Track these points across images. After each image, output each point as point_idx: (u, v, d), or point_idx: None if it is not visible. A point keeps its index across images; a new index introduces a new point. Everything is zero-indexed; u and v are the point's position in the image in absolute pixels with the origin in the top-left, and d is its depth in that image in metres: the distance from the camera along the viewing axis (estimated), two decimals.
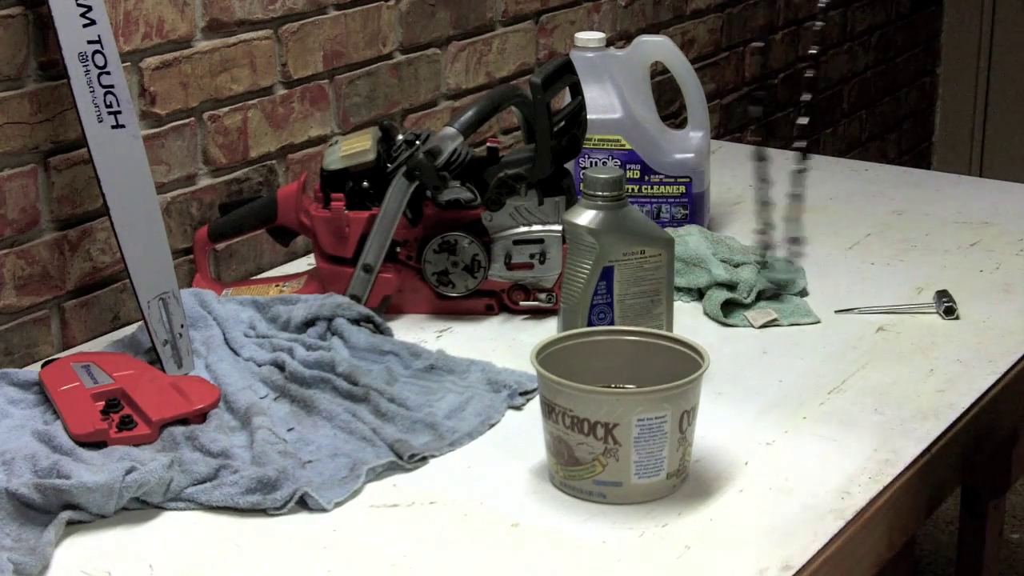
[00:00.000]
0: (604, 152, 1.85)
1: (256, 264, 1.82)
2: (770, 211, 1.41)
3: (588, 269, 1.43)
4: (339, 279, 1.63)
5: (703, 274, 1.67)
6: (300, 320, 1.55)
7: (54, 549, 1.17)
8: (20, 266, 1.53)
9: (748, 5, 2.72)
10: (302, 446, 1.33)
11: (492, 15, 2.12)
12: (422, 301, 1.66)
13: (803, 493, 1.27)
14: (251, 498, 1.24)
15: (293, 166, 1.84)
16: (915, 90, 3.52)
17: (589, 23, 2.30)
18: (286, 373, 1.46)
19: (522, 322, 1.64)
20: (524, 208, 1.63)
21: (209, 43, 1.70)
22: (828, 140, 3.10)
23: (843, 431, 1.37)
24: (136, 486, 1.22)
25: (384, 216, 1.60)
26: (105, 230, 1.59)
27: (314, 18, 1.83)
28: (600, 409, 1.22)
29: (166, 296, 1.48)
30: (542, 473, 1.29)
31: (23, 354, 1.55)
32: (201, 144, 1.72)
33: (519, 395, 1.43)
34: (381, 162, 1.63)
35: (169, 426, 1.35)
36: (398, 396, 1.41)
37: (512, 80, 2.16)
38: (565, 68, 1.67)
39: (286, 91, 1.82)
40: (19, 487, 1.21)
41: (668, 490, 1.25)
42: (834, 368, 1.51)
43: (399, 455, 1.31)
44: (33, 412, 1.39)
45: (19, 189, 1.52)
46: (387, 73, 1.96)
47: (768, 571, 1.15)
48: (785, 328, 1.61)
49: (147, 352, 1.49)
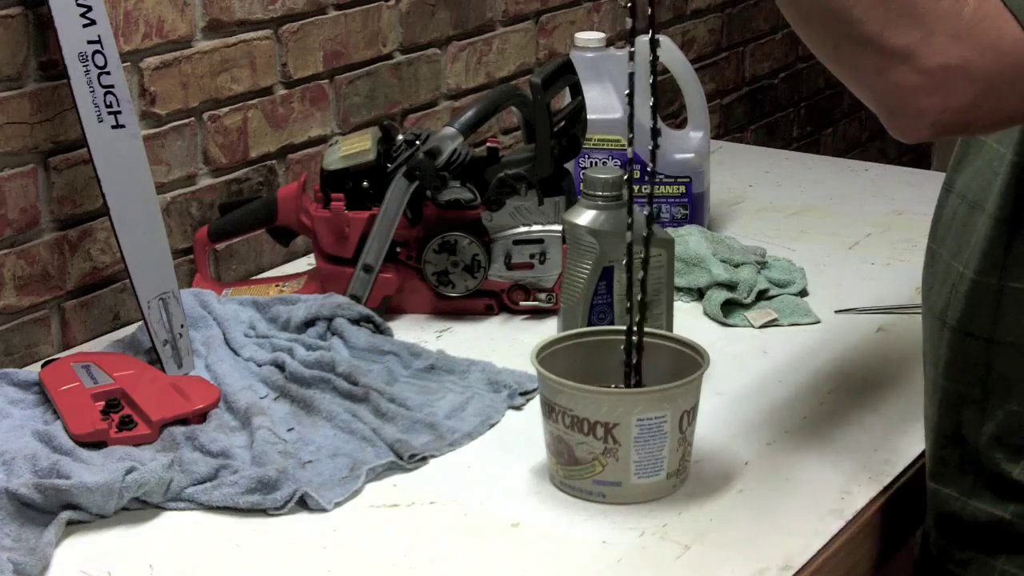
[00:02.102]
0: (604, 152, 1.85)
1: (256, 264, 1.82)
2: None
3: (588, 269, 1.43)
4: (339, 279, 1.63)
5: (703, 274, 1.67)
6: (300, 320, 1.55)
7: (54, 549, 1.17)
8: (20, 266, 1.53)
9: (748, 5, 2.72)
10: (302, 446, 1.33)
11: (492, 15, 2.12)
12: (422, 301, 1.66)
13: (803, 493, 1.27)
14: (251, 498, 1.23)
15: (293, 166, 1.84)
16: None
17: (589, 23, 2.30)
18: (286, 373, 1.46)
19: (522, 322, 1.64)
20: (524, 208, 1.63)
21: (209, 43, 1.70)
22: (828, 140, 3.10)
23: (843, 431, 1.37)
24: (136, 486, 1.22)
25: (384, 216, 1.60)
26: (105, 230, 1.59)
27: (314, 18, 1.83)
28: (600, 409, 1.22)
29: (166, 296, 1.48)
30: (542, 473, 1.29)
31: (23, 354, 1.55)
32: (201, 144, 1.72)
33: (519, 395, 1.43)
34: (381, 162, 1.63)
35: (169, 426, 1.34)
36: (398, 396, 1.41)
37: (512, 80, 2.16)
38: (565, 68, 1.67)
39: (286, 91, 1.82)
40: (19, 487, 1.21)
41: (668, 490, 1.25)
42: (834, 368, 1.51)
43: (399, 455, 1.31)
44: (33, 412, 1.39)
45: (19, 189, 1.52)
46: (387, 73, 1.96)
47: (768, 571, 1.15)
48: (785, 328, 1.61)
49: (147, 352, 1.49)
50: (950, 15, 0.96)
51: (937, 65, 0.96)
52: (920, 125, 1.00)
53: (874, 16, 0.97)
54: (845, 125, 3.17)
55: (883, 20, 0.97)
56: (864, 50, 1.00)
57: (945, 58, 0.96)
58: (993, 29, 0.96)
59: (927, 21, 0.96)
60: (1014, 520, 1.16)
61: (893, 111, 1.01)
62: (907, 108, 0.99)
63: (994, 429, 1.17)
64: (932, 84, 0.97)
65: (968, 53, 0.96)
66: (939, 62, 0.96)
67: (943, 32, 0.96)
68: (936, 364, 1.22)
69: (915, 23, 0.96)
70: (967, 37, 0.96)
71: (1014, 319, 1.14)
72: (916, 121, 1.00)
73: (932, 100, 0.97)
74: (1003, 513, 1.17)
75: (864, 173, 2.20)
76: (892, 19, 0.97)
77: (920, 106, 0.98)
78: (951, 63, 0.96)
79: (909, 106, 0.99)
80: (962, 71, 0.96)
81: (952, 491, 1.21)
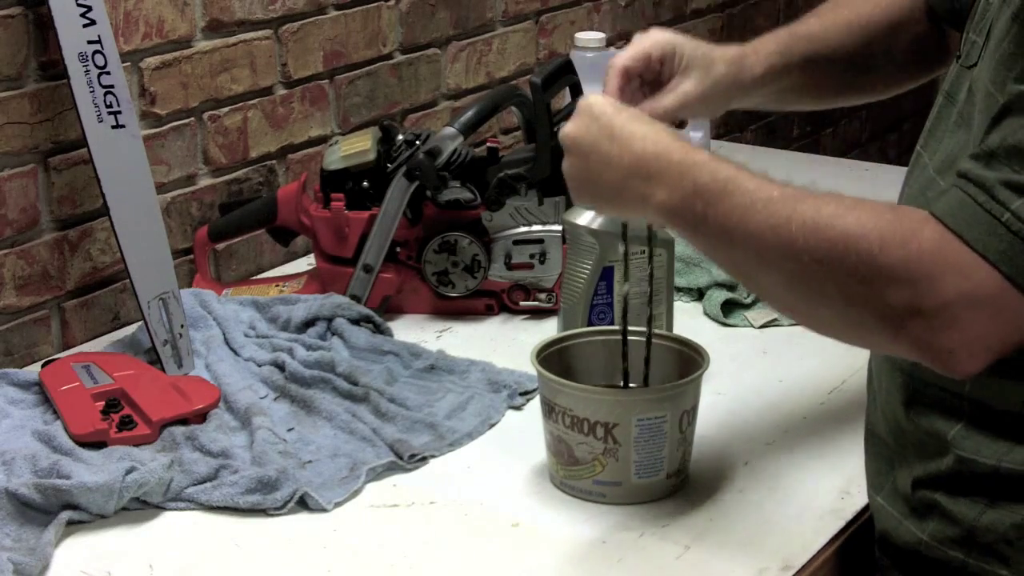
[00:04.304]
0: None
1: (256, 264, 1.82)
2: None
3: (588, 269, 1.43)
4: (339, 279, 1.63)
5: (703, 274, 1.67)
6: (300, 320, 1.55)
7: (54, 549, 1.17)
8: (20, 266, 1.53)
9: (748, 5, 2.72)
10: (302, 446, 1.33)
11: (492, 15, 2.12)
12: (422, 301, 1.66)
13: (803, 493, 1.27)
14: (251, 498, 1.23)
15: (293, 166, 1.84)
16: (915, 90, 3.51)
17: (589, 23, 2.30)
18: (286, 373, 1.46)
19: (522, 322, 1.64)
20: (524, 208, 1.63)
21: (209, 43, 1.70)
22: (828, 140, 3.10)
23: (843, 431, 1.37)
24: (136, 486, 1.22)
25: (384, 216, 1.60)
26: (105, 230, 1.59)
27: (314, 18, 1.83)
28: (600, 409, 1.22)
29: (166, 296, 1.48)
30: (542, 473, 1.29)
31: (23, 354, 1.55)
32: (201, 144, 1.72)
33: (519, 395, 1.43)
34: (381, 162, 1.63)
35: (169, 426, 1.34)
36: (398, 396, 1.41)
37: (512, 80, 2.16)
38: (565, 68, 1.67)
39: (286, 91, 1.82)
40: (19, 487, 1.21)
41: (668, 490, 1.25)
42: (834, 368, 1.51)
43: (399, 455, 1.31)
44: (33, 412, 1.39)
45: (19, 189, 1.52)
46: (387, 73, 1.96)
47: (768, 571, 1.15)
48: (785, 328, 1.61)
49: (147, 352, 1.49)
50: (917, 259, 0.96)
51: (939, 305, 0.96)
52: (962, 363, 0.99)
53: (858, 292, 0.98)
54: (845, 125, 3.17)
55: (867, 292, 0.98)
56: (873, 333, 1.01)
57: (941, 297, 0.96)
58: (960, 255, 0.96)
59: (900, 275, 0.96)
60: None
61: (934, 363, 1.00)
62: (942, 355, 0.98)
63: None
64: (946, 324, 0.96)
65: (957, 284, 0.96)
66: (939, 303, 0.96)
67: (921, 277, 0.96)
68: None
69: (894, 282, 0.96)
70: (946, 271, 0.96)
71: None
72: (957, 361, 0.99)
73: (955, 337, 0.97)
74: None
75: (864, 173, 2.20)
76: (873, 287, 0.97)
77: (950, 347, 0.97)
78: (948, 299, 0.96)
79: (942, 353, 0.98)
80: (962, 301, 0.96)
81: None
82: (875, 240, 0.97)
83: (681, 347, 1.31)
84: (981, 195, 0.96)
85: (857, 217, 0.99)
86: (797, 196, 1.03)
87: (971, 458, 1.08)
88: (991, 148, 0.97)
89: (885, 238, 0.97)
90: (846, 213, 0.99)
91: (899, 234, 0.97)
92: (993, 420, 1.08)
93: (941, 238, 0.97)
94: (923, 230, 0.97)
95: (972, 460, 1.08)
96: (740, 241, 1.03)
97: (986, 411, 1.08)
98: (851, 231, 0.98)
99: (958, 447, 1.09)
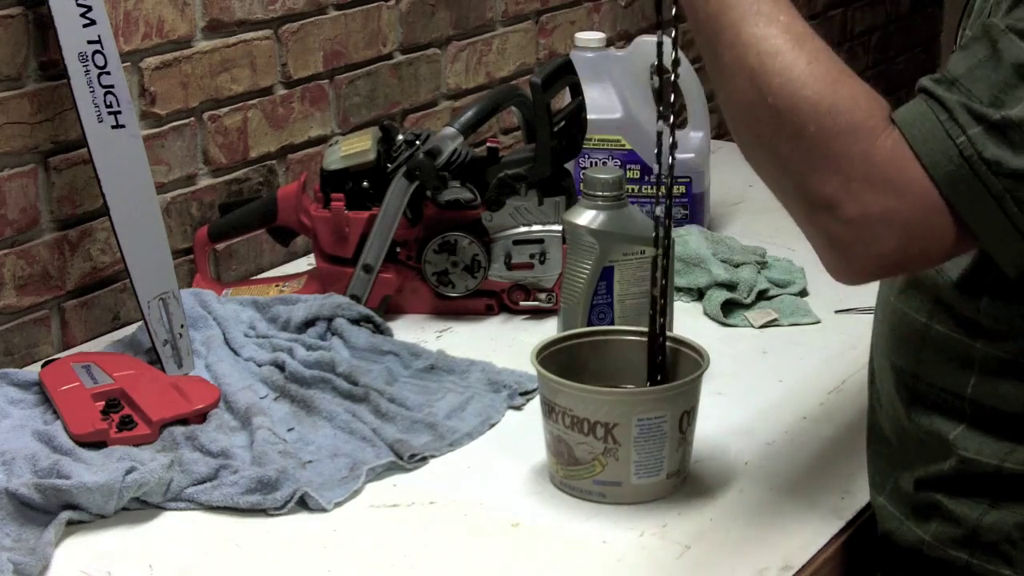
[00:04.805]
0: (604, 152, 1.85)
1: (256, 264, 1.82)
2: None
3: (588, 269, 1.43)
4: (339, 279, 1.63)
5: (703, 274, 1.67)
6: (300, 320, 1.55)
7: (54, 549, 1.17)
8: (20, 266, 1.53)
9: None
10: (302, 446, 1.33)
11: (492, 15, 2.12)
12: (422, 301, 1.66)
13: (803, 493, 1.27)
14: (251, 498, 1.23)
15: (293, 166, 1.84)
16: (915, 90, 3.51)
17: (589, 23, 2.30)
18: (286, 373, 1.46)
19: (522, 322, 1.64)
20: (524, 208, 1.63)
21: (209, 43, 1.70)
22: None
23: (843, 431, 1.37)
24: (136, 486, 1.22)
25: (384, 216, 1.60)
26: (105, 230, 1.59)
27: (314, 18, 1.83)
28: (600, 409, 1.22)
29: (166, 296, 1.48)
30: (542, 473, 1.29)
31: (23, 354, 1.55)
32: (201, 144, 1.72)
33: (519, 395, 1.43)
34: (381, 162, 1.63)
35: (169, 426, 1.34)
36: (398, 396, 1.41)
37: (512, 80, 2.16)
38: (565, 68, 1.67)
39: (286, 91, 1.82)
40: (19, 487, 1.21)
41: (668, 490, 1.25)
42: (834, 368, 1.51)
43: (399, 455, 1.31)
44: (33, 412, 1.39)
45: (19, 189, 1.52)
46: (387, 73, 1.96)
47: (768, 571, 1.15)
48: (785, 328, 1.61)
49: (147, 352, 1.49)
50: (864, 160, 0.95)
51: (858, 214, 0.96)
52: (851, 271, 1.00)
53: (796, 158, 0.97)
54: None
55: (805, 163, 0.97)
56: (790, 198, 1.00)
57: (864, 207, 0.96)
58: (906, 172, 0.95)
59: (842, 167, 0.96)
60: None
61: (824, 257, 1.01)
62: (837, 256, 0.99)
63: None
64: (856, 234, 0.96)
65: (886, 200, 0.95)
66: (859, 211, 0.96)
67: (858, 178, 0.95)
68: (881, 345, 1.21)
69: (832, 169, 0.96)
70: (882, 183, 0.95)
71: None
72: (848, 267, 1.00)
73: (858, 249, 0.97)
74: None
75: None
76: (813, 162, 0.97)
77: (848, 255, 0.98)
78: (871, 211, 0.96)
79: (839, 254, 0.99)
80: (883, 219, 0.96)
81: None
82: (844, 124, 0.96)
83: (681, 347, 1.31)
84: (943, 113, 0.96)
85: (843, 90, 0.97)
86: (801, 36, 1.00)
87: (973, 458, 1.08)
88: (955, 74, 0.97)
89: (856, 124, 0.96)
90: (835, 81, 0.98)
91: (865, 128, 0.96)
92: (995, 421, 1.08)
93: (895, 147, 0.96)
94: (886, 135, 0.96)
95: (974, 461, 1.08)
96: (726, 47, 1.01)
97: (988, 412, 1.08)
98: (824, 102, 0.97)
99: (960, 448, 1.09)
